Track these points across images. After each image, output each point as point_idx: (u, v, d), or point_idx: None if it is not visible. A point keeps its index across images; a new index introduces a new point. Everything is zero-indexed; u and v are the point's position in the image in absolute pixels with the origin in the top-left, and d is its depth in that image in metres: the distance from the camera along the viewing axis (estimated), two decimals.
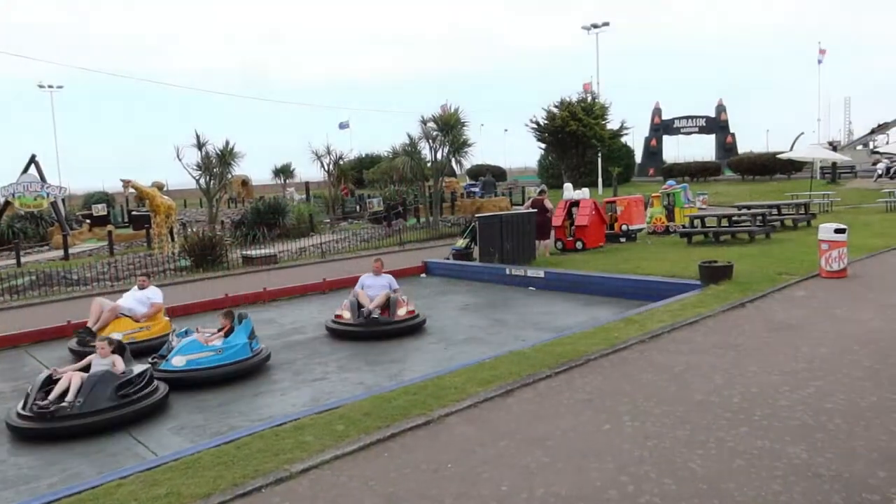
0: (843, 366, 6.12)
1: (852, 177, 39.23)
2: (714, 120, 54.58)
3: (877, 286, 9.54)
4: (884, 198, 22.63)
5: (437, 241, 21.15)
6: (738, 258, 11.82)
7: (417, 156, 25.39)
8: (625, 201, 18.04)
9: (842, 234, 10.30)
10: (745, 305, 8.77)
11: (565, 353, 6.91)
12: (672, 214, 19.20)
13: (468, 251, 15.93)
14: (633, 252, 15.07)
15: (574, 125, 34.73)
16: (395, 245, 20.74)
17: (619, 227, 17.52)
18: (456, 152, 24.93)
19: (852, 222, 16.11)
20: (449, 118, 24.53)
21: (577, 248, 16.08)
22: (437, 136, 24.51)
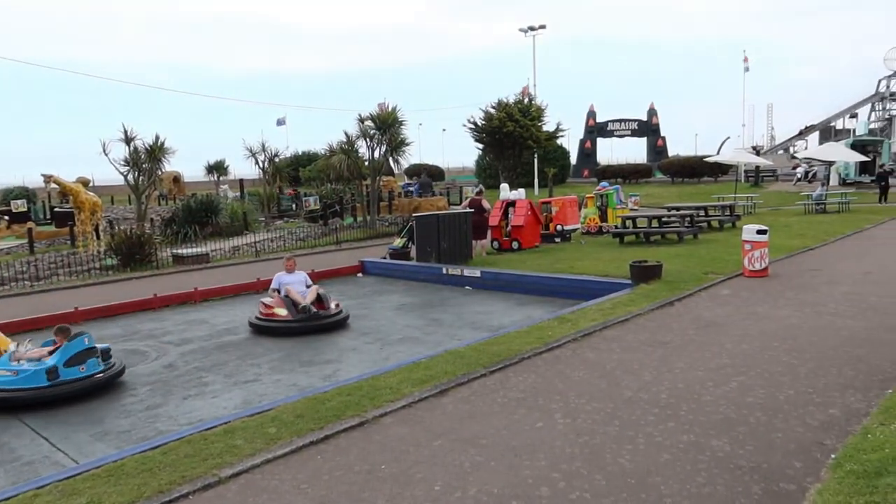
0: (764, 361, 6.38)
1: (774, 180, 41.08)
2: (646, 123, 56.16)
3: (795, 285, 10.00)
4: (802, 200, 23.76)
5: (374, 241, 21.03)
6: (667, 258, 12.18)
7: (355, 154, 25.18)
8: (560, 202, 18.34)
9: (763, 235, 10.75)
10: (673, 304, 9.04)
11: (500, 352, 6.97)
12: (605, 215, 19.64)
13: (405, 250, 15.88)
14: (568, 252, 15.34)
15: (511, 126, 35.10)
16: (331, 244, 20.50)
17: (553, 227, 17.80)
18: (394, 151, 24.86)
19: (773, 224, 16.85)
20: (387, 117, 24.42)
21: (513, 248, 16.26)
22: (375, 135, 24.37)
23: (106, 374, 7.39)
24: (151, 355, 8.86)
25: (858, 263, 11.71)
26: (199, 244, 19.07)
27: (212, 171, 45.87)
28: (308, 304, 9.82)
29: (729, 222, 18.81)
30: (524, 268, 13.19)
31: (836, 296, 9.11)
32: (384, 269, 15.27)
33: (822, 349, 6.68)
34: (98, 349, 7.51)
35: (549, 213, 18.17)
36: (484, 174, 47.70)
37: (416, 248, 15.10)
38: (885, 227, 17.35)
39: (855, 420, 4.83)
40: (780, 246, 13.40)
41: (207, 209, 22.64)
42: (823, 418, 4.93)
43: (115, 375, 7.53)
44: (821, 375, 5.89)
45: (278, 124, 60.46)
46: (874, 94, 68.53)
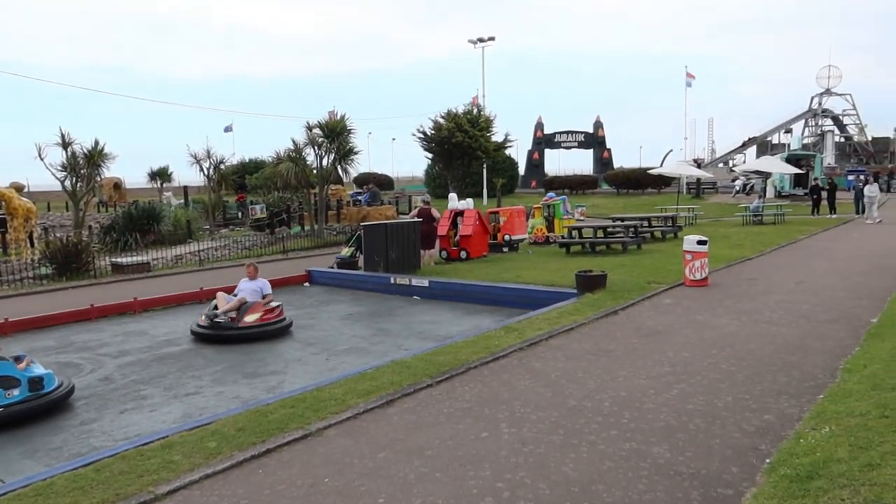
0: (703, 369, 6.53)
1: (714, 192, 42.36)
2: (592, 135, 57.26)
3: (733, 294, 10.30)
4: (741, 212, 24.55)
5: (321, 250, 20.83)
6: (612, 268, 12.40)
7: (302, 162, 24.90)
8: (507, 212, 18.51)
9: (703, 246, 11.04)
10: (617, 313, 9.20)
11: (447, 361, 6.96)
12: (552, 225, 19.91)
13: (353, 260, 15.78)
14: (515, 262, 15.47)
15: (460, 136, 35.28)
16: (278, 253, 20.20)
17: (501, 237, 17.94)
18: (342, 160, 24.68)
19: (713, 234, 17.35)
20: (336, 125, 24.25)
21: (462, 258, 16.31)
22: (324, 143, 24.16)
23: (27, 404, 6.59)
24: (86, 368, 8.54)
25: (792, 273, 12.14)
26: (140, 253, 18.53)
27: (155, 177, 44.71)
28: (217, 313, 9.80)
29: (671, 233, 19.28)
30: (472, 277, 13.24)
31: (772, 304, 9.41)
32: (331, 279, 15.12)
33: (758, 356, 6.88)
34: (20, 378, 6.67)
35: (497, 223, 18.30)
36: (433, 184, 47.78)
37: (364, 258, 15.01)
38: (817, 238, 18.06)
39: (788, 425, 4.98)
40: (719, 256, 13.79)
41: (149, 216, 22.03)
42: (759, 424, 5.07)
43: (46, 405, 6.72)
44: (757, 382, 6.06)
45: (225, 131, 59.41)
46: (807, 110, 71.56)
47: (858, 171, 42.73)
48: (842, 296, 9.83)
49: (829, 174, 39.39)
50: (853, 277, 11.39)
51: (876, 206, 21.77)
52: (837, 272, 12.03)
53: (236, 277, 14.43)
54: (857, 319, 8.28)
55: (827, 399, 5.30)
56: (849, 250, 15.16)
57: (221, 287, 11.42)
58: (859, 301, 9.40)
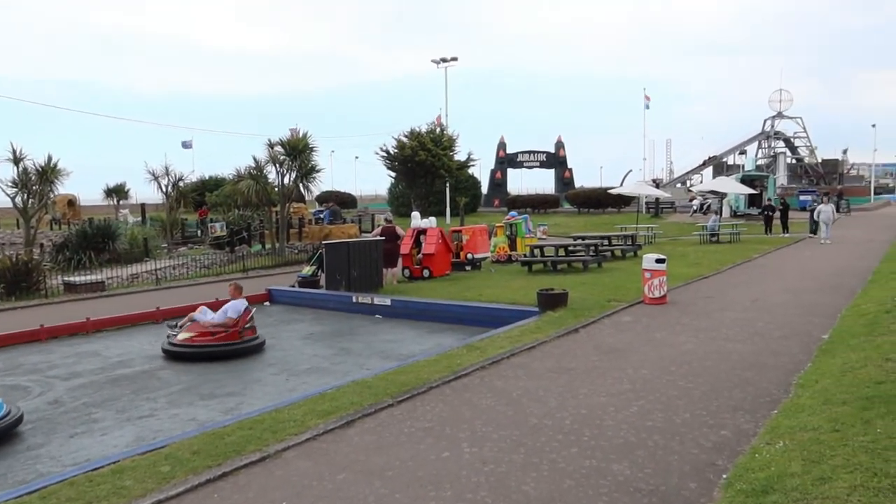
0: (662, 386, 6.62)
1: (672, 211, 43.19)
2: (553, 155, 57.98)
3: (691, 311, 10.48)
4: (698, 231, 25.05)
5: (282, 269, 20.62)
6: (573, 286, 12.52)
7: (264, 180, 24.69)
8: (470, 231, 18.58)
9: (662, 264, 11.23)
10: (578, 331, 9.27)
11: (408, 381, 6.92)
12: (514, 244, 20.04)
13: (315, 279, 15.65)
14: (478, 280, 15.52)
15: (423, 155, 35.48)
16: (238, 272, 19.91)
17: (464, 255, 17.99)
18: (304, 177, 24.52)
19: (671, 253, 17.66)
20: (297, 142, 24.11)
21: (424, 276, 16.30)
22: (285, 161, 23.99)
23: None
24: (34, 391, 8.26)
25: (747, 291, 12.42)
26: (95, 271, 18.07)
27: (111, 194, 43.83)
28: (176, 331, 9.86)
29: (631, 251, 19.58)
30: (435, 296, 13.23)
31: (728, 322, 9.60)
32: (292, 298, 14.96)
33: (714, 373, 7.00)
34: None
35: (459, 242, 18.35)
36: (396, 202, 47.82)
37: (326, 276, 14.91)
38: (770, 257, 18.52)
39: (744, 440, 5.06)
40: (677, 274, 14.03)
41: (105, 234, 21.55)
42: (716, 440, 5.15)
43: None
44: (713, 398, 6.16)
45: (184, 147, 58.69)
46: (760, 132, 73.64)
47: (809, 191, 44.08)
48: (794, 313, 10.08)
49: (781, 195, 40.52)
50: (805, 295, 11.70)
51: (829, 227, 22.39)
52: (790, 290, 12.34)
53: (194, 296, 14.21)
54: (809, 336, 8.49)
55: (781, 414, 5.41)
56: (801, 269, 15.58)
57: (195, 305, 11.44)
58: (811, 318, 9.65)
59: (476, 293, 13.10)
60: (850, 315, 9.39)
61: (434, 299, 12.82)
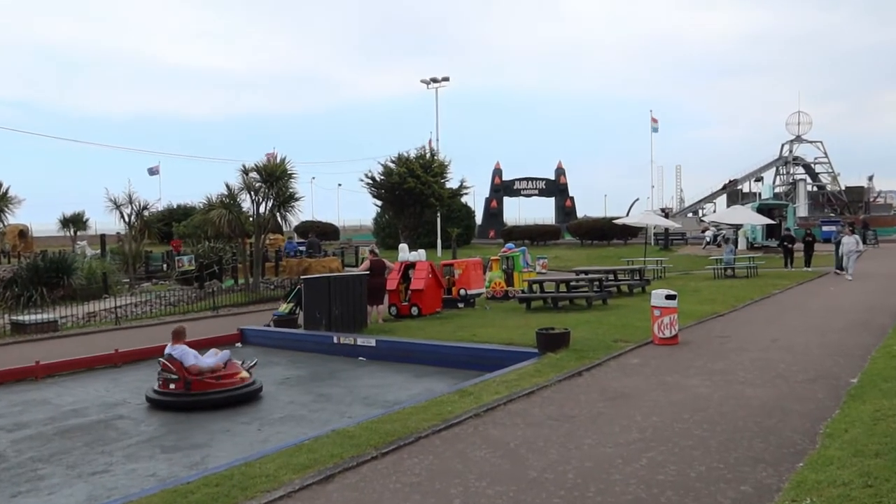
0: (674, 435, 6.56)
1: (683, 243, 43.45)
2: (554, 183, 58.40)
3: (705, 352, 10.45)
4: (711, 265, 25.15)
5: (256, 306, 20.54)
6: (575, 325, 12.49)
7: (237, 208, 24.68)
8: (463, 264, 18.59)
9: (673, 301, 11.24)
10: (581, 374, 9.22)
11: (395, 430, 6.83)
12: (511, 279, 20.04)
13: (292, 317, 15.58)
14: (471, 318, 15.47)
15: (412, 182, 35.59)
16: (207, 309, 19.80)
17: (456, 291, 17.97)
18: (281, 206, 24.53)
19: (683, 288, 17.71)
20: (274, 168, 24.16)
21: (413, 314, 16.24)
22: (261, 188, 24.02)
23: None
24: None
25: (766, 329, 12.42)
26: (47, 310, 17.92)
27: (67, 224, 43.68)
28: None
29: (639, 287, 19.61)
30: (424, 336, 13.17)
31: (746, 363, 9.57)
32: (267, 339, 14.86)
33: (732, 420, 6.95)
34: None
35: (451, 277, 18.34)
36: (383, 233, 47.91)
37: (304, 315, 14.85)
38: (791, 293, 18.59)
39: (767, 497, 5.00)
40: (689, 312, 14.04)
41: (59, 268, 21.39)
42: (735, 496, 5.08)
43: None
44: (732, 449, 6.10)
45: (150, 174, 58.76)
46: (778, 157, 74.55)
47: (833, 221, 44.44)
48: (819, 354, 10.07)
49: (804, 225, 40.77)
50: (831, 334, 11.70)
51: (854, 260, 22.44)
52: (814, 329, 12.35)
53: (158, 336, 14.07)
54: (836, 379, 8.47)
55: (807, 467, 5.36)
56: (826, 305, 15.63)
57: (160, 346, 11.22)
58: (838, 359, 9.64)
59: (469, 333, 13.05)
60: (882, 356, 9.38)
61: (423, 340, 12.75)
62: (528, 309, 16.54)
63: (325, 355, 13.26)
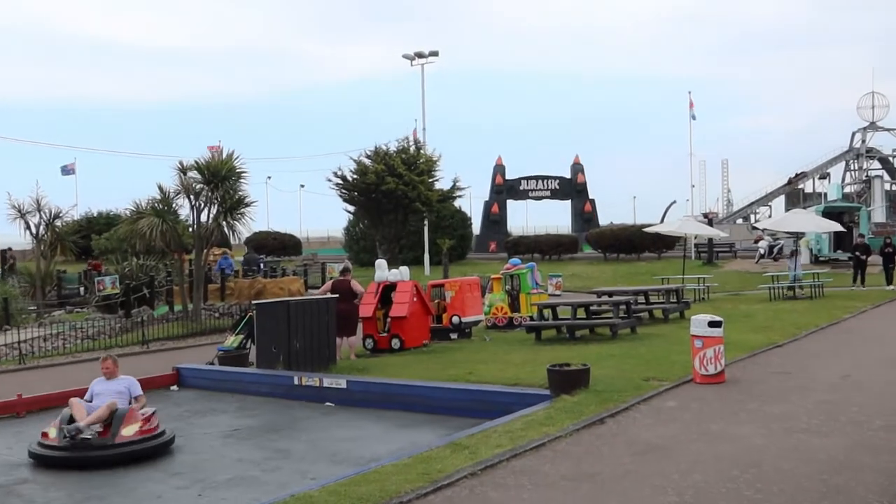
0: (721, 497, 6.56)
1: (732, 257, 43.65)
2: (569, 182, 58.66)
3: (758, 393, 10.47)
4: (767, 283, 25.22)
5: (197, 339, 20.54)
6: (597, 360, 12.49)
7: (173, 217, 24.68)
8: (456, 284, 18.59)
9: (718, 329, 11.25)
10: (604, 421, 9.22)
11: (370, 494, 6.81)
12: (517, 302, 20.06)
13: (242, 352, 15.56)
14: (467, 352, 15.47)
15: (392, 182, 35.72)
16: (135, 343, 19.77)
17: (448, 318, 17.96)
18: (229, 213, 24.54)
19: (731, 313, 17.77)
20: (220, 166, 24.20)
21: (393, 348, 16.22)
22: (203, 191, 24.04)
23: None
24: None
25: (836, 364, 12.46)
26: None
27: None
28: (82, 426, 9.51)
29: (676, 311, 19.65)
30: (408, 375, 13.15)
31: (810, 407, 9.59)
32: (210, 380, 14.83)
33: (793, 478, 6.95)
34: None
35: (442, 300, 18.35)
36: (356, 246, 48.01)
37: (258, 349, 14.82)
38: (866, 318, 18.68)
39: None
40: (739, 342, 14.07)
41: None
42: None
43: None
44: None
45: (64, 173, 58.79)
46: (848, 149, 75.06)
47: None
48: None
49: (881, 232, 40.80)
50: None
51: None
52: (894, 363, 12.40)
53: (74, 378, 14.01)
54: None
55: None
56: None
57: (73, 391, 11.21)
58: None
59: (465, 370, 13.03)
60: None
61: (407, 380, 12.74)
62: (537, 340, 16.54)
63: (283, 400, 13.23)
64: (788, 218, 33.66)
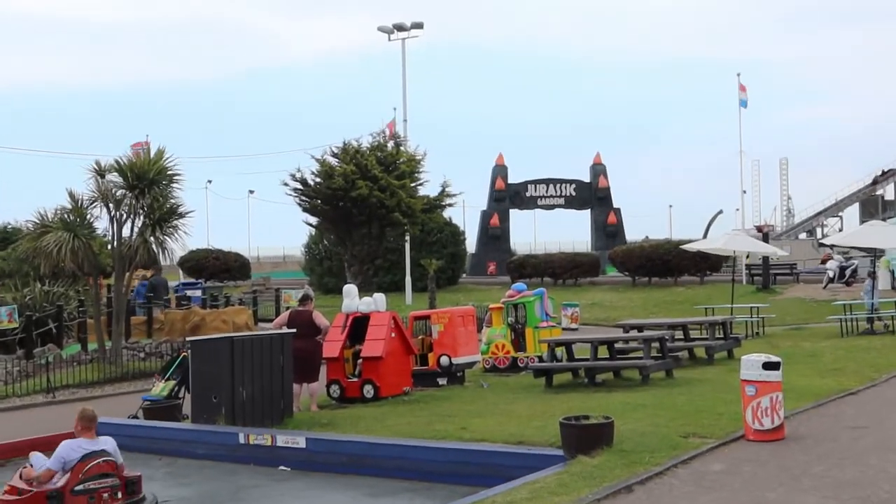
0: None
1: (793, 280, 43.65)
2: (589, 187, 58.77)
3: (827, 454, 10.46)
4: (837, 314, 25.20)
5: (118, 385, 20.46)
6: (623, 411, 12.48)
7: (87, 231, 24.59)
8: (446, 316, 18.54)
9: (775, 372, 11.23)
10: (632, 489, 9.19)
11: None
12: (522, 339, 20.01)
13: (173, 403, 15.48)
14: (460, 402, 15.43)
15: (364, 187, 35.61)
16: (38, 391, 19.65)
17: (435, 359, 17.91)
18: (158, 226, 24.44)
19: (793, 352, 17.78)
20: (147, 167, 24.11)
21: (367, 396, 16.16)
22: (126, 198, 23.96)
23: None
24: None
25: None
26: None
27: None
28: None
29: (723, 350, 19.64)
30: (384, 431, 13.10)
31: (892, 471, 9.58)
32: (133, 438, 14.73)
33: None
34: None
35: (427, 336, 18.31)
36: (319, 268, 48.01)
37: (193, 399, 14.74)
38: None
39: None
40: (803, 388, 14.07)
41: None
42: None
43: None
44: None
45: None
46: None
47: None
48: None
49: None
50: None
51: None
52: None
53: None
54: None
55: None
56: None
57: None
58: None
59: (456, 425, 12.99)
60: None
61: (382, 438, 12.69)
62: (548, 386, 16.52)
63: (225, 463, 13.18)
64: (864, 232, 33.69)
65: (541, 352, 18.97)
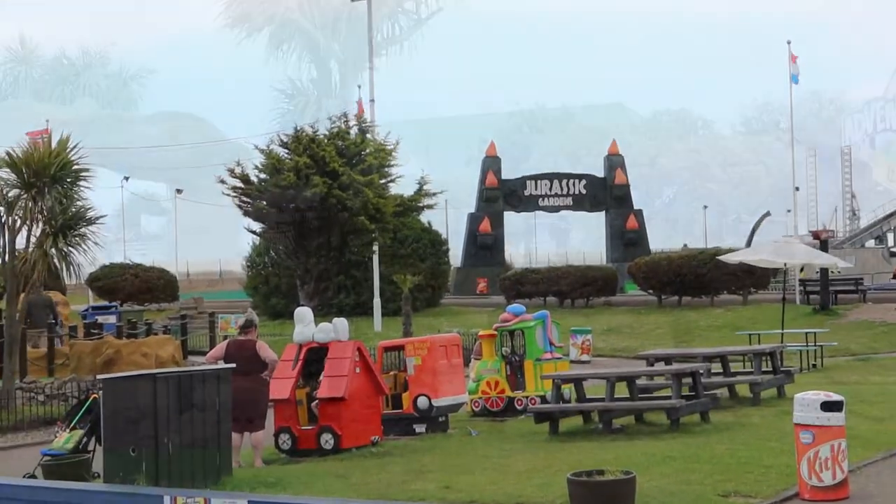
0: None
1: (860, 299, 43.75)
2: (603, 183, 58.74)
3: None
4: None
5: (10, 436, 20.39)
6: (646, 464, 12.51)
7: None
8: (424, 346, 18.53)
9: (837, 414, 11.27)
10: None
11: None
12: (520, 374, 20.02)
13: (81, 458, 15.43)
14: (442, 454, 15.43)
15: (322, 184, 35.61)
16: None
17: (411, 400, 17.90)
18: (62, 235, 24.42)
19: (859, 390, 17.83)
20: (48, 160, 24.10)
21: (325, 448, 16.14)
22: (20, 199, 23.94)
23: None
24: None
25: None
26: None
27: None
28: None
29: (771, 386, 19.69)
30: (346, 492, 13.07)
31: None
32: (32, 503, 14.69)
33: None
34: None
35: (401, 371, 18.30)
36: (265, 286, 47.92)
37: (106, 453, 14.69)
38: None
39: None
40: (872, 435, 14.11)
41: None
42: None
43: None
44: None
45: None
46: None
47: None
48: None
49: None
50: None
51: None
52: None
53: None
54: None
55: None
56: None
57: None
58: None
59: (438, 484, 12.99)
60: None
61: (344, 500, 12.65)
62: (553, 433, 16.54)
63: None
64: None
65: (543, 390, 18.96)
